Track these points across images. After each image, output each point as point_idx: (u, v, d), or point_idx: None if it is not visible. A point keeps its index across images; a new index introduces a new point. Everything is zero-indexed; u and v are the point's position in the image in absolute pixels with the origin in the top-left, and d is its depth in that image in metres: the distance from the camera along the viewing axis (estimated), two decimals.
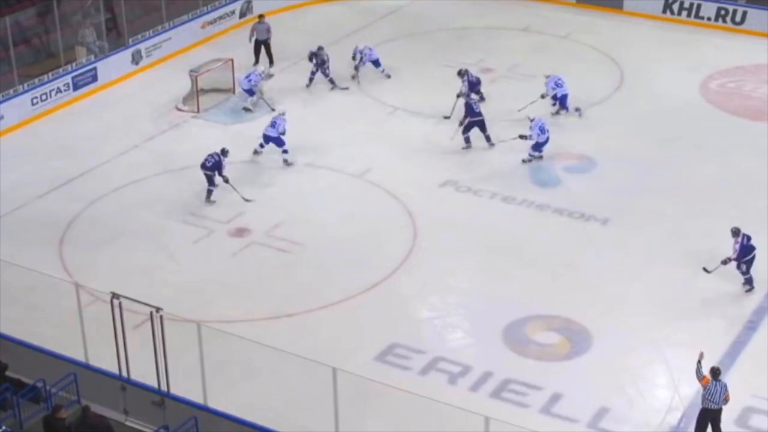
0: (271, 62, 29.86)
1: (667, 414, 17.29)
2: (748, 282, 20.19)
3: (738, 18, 31.84)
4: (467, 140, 25.37)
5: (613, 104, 27.99)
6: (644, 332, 19.13)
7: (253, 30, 30.01)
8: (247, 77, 27.49)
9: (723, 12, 32.38)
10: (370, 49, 29.24)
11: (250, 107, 27.52)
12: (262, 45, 29.83)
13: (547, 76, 27.08)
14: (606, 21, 33.20)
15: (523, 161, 24.77)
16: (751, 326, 19.23)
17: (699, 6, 32.64)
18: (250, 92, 27.53)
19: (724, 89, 28.50)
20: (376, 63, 29.16)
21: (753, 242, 20.05)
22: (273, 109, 27.04)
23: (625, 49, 30.95)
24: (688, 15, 32.64)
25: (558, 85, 26.79)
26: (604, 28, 32.71)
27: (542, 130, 24.59)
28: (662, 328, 19.24)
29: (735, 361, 18.36)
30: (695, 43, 30.47)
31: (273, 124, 25.02)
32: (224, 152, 23.43)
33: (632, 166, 24.66)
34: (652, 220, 22.53)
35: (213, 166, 23.20)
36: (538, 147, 24.69)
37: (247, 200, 23.24)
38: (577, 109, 26.91)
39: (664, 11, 33.07)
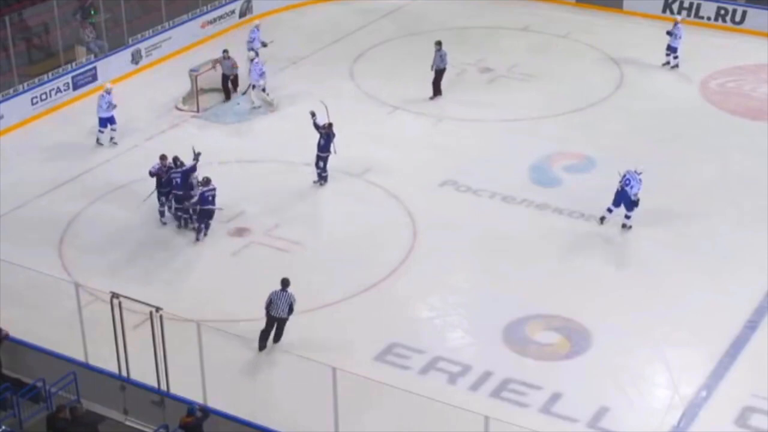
0: (235, 90, 28.28)
1: (667, 414, 17.29)
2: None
3: (738, 18, 31.83)
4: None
5: (613, 104, 27.99)
6: (644, 332, 19.12)
7: (216, 63, 28.28)
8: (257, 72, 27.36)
9: (723, 12, 32.39)
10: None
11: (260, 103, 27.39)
12: (228, 80, 28.26)
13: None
14: (606, 21, 33.22)
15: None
16: (751, 326, 19.22)
17: (699, 6, 32.67)
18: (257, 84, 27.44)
19: (724, 89, 28.48)
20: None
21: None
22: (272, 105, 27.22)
23: (625, 49, 30.96)
24: (688, 15, 32.63)
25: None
26: (604, 27, 32.73)
27: None
28: (662, 328, 19.23)
29: (735, 361, 18.37)
30: (695, 43, 30.44)
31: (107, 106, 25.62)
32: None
33: (632, 166, 24.61)
34: (653, 220, 22.52)
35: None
36: None
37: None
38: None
39: (664, 11, 33.08)
